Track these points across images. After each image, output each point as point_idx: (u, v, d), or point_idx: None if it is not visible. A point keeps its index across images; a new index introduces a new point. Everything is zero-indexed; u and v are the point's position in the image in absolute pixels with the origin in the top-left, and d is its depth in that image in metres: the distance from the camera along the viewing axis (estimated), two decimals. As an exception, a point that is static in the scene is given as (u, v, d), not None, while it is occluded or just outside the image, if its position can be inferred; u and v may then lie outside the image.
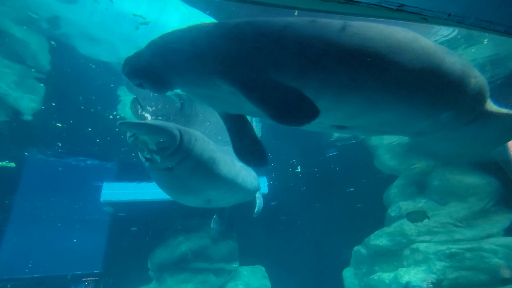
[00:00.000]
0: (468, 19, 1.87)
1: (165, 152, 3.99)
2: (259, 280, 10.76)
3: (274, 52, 2.60)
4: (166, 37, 2.97)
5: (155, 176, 4.58)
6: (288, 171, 12.97)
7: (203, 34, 2.81)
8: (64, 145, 10.19)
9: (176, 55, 2.82)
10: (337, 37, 2.59)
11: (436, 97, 3.12)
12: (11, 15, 4.75)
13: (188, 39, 2.82)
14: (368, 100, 2.92)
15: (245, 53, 2.62)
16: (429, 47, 2.90)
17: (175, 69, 2.86)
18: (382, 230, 8.46)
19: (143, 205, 11.06)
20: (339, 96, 2.81)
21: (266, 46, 2.61)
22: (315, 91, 2.72)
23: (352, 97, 2.83)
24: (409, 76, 2.78)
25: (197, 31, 2.87)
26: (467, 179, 7.73)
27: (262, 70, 2.59)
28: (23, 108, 7.69)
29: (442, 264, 6.63)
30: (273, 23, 2.69)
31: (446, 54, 3.01)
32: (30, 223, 24.49)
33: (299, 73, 2.63)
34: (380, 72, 2.70)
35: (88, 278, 11.55)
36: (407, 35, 2.83)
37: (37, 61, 5.92)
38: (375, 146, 10.10)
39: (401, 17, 1.85)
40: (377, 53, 2.62)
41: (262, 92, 2.46)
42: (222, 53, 2.66)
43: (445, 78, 2.96)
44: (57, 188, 16.88)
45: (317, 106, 2.42)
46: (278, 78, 2.58)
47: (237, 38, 2.66)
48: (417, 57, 2.76)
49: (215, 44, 2.71)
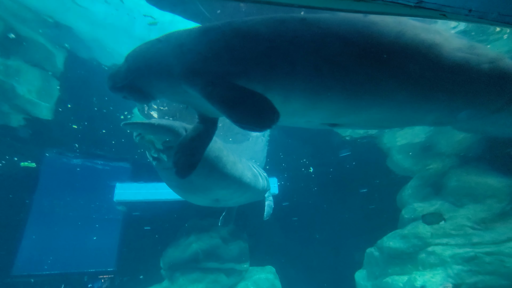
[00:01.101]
0: (490, 14, 1.79)
1: (171, 151, 3.94)
2: (269, 280, 10.72)
3: (234, 56, 2.52)
4: (138, 50, 3.06)
5: (163, 175, 4.56)
6: (299, 172, 12.88)
7: (168, 43, 2.84)
8: (81, 146, 10.48)
9: (147, 67, 2.88)
10: (293, 35, 2.38)
11: (427, 89, 2.72)
12: (27, 19, 4.91)
13: (156, 49, 2.88)
14: (346, 101, 2.71)
15: (205, 58, 2.58)
16: (401, 35, 2.51)
17: (149, 80, 2.92)
18: (396, 232, 8.27)
19: (155, 205, 11.23)
20: (311, 98, 2.66)
21: (226, 50, 2.54)
22: (282, 94, 2.62)
23: (325, 98, 2.66)
24: (387, 70, 2.49)
25: (164, 40, 2.92)
26: (486, 180, 7.46)
27: (224, 74, 2.53)
28: (41, 110, 7.95)
29: (460, 268, 6.42)
30: (233, 25, 2.61)
31: (423, 31, 2.56)
32: (47, 221, 25.30)
33: (262, 77, 2.53)
34: (346, 70, 2.45)
35: (104, 276, 11.82)
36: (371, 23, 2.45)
37: (53, 64, 6.10)
38: (388, 146, 9.89)
39: (419, 14, 1.80)
40: (344, 48, 2.35)
41: (222, 97, 2.42)
42: (184, 60, 2.68)
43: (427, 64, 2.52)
44: (73, 187, 17.38)
45: (277, 110, 2.33)
46: (242, 82, 2.51)
47: (197, 44, 2.66)
48: (395, 46, 2.41)
49: (178, 51, 2.73)
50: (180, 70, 2.67)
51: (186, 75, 2.64)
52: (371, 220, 11.32)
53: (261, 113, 2.36)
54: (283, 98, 2.57)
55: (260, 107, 2.36)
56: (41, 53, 5.75)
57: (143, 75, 2.92)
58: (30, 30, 5.12)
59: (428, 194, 8.53)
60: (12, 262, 11.09)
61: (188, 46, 2.67)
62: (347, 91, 2.60)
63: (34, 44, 5.51)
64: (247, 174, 5.21)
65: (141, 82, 2.94)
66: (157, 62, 2.83)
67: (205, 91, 2.50)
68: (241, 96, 2.40)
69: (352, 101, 2.72)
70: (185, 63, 2.65)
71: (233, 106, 2.38)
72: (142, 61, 2.93)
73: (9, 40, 5.31)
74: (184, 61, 2.66)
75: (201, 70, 2.57)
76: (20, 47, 5.54)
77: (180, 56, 2.70)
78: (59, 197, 19.87)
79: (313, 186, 14.26)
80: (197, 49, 2.61)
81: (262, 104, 2.36)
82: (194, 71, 2.60)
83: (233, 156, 4.95)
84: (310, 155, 11.54)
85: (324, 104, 2.78)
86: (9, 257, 11.04)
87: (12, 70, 6.14)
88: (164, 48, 2.83)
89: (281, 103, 2.71)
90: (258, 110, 2.36)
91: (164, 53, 2.81)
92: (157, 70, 2.83)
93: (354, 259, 9.89)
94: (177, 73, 2.71)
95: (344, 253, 11.95)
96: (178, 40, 2.78)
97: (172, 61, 2.74)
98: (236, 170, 4.86)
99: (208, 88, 2.48)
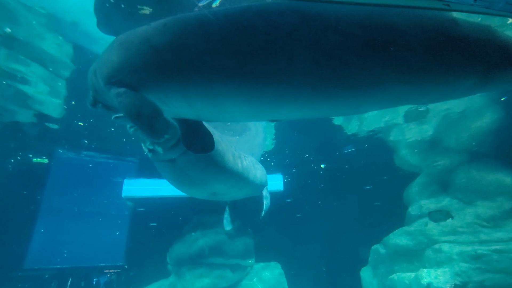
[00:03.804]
0: (497, 3, 1.72)
1: (166, 143, 3.84)
2: (275, 276, 10.76)
3: (132, 64, 2.34)
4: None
5: (159, 167, 4.46)
6: (304, 168, 12.83)
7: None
8: (90, 143, 10.64)
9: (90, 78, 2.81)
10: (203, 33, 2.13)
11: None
12: (36, 17, 4.97)
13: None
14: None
15: (112, 65, 2.44)
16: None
17: (97, 93, 2.82)
18: (402, 229, 8.18)
19: (162, 200, 11.36)
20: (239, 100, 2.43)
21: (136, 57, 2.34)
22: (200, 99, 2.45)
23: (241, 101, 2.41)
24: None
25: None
26: (495, 176, 7.30)
27: (129, 83, 2.39)
28: (50, 108, 8.09)
29: (467, 265, 6.31)
30: (137, 32, 2.44)
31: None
32: (55, 216, 25.89)
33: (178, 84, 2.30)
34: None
35: (111, 270, 12.05)
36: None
37: (59, 61, 6.18)
38: (394, 142, 9.75)
39: (421, 5, 1.75)
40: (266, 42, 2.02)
41: (126, 106, 2.36)
42: (99, 68, 2.61)
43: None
44: (82, 183, 17.71)
45: (170, 122, 2.28)
46: (151, 91, 2.38)
47: (109, 51, 2.57)
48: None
49: (101, 59, 2.65)
50: (101, 80, 2.58)
51: (105, 85, 2.54)
52: (377, 217, 11.22)
53: (154, 126, 2.36)
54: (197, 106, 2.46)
55: (151, 119, 2.34)
56: (48, 50, 5.83)
57: (93, 88, 2.81)
58: (38, 28, 5.19)
59: (435, 191, 8.39)
60: (24, 256, 11.42)
61: (105, 54, 2.60)
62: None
63: (41, 42, 5.59)
64: (245, 168, 5.06)
65: (98, 96, 2.84)
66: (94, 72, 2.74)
67: (116, 101, 2.41)
68: (138, 107, 2.33)
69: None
70: (101, 72, 2.57)
71: (133, 116, 2.34)
72: (92, 73, 2.84)
73: (16, 38, 5.40)
74: (100, 70, 2.58)
75: (110, 78, 2.47)
76: (27, 45, 5.63)
77: (99, 64, 2.63)
78: (68, 193, 20.29)
79: (318, 183, 14.19)
80: (110, 57, 2.50)
81: (153, 115, 2.34)
82: (104, 79, 2.52)
83: (231, 149, 4.82)
84: (315, 151, 11.48)
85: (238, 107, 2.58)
86: (21, 251, 11.36)
87: (21, 67, 6.26)
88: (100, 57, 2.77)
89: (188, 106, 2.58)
90: (150, 123, 2.35)
91: (98, 61, 2.71)
92: (96, 82, 2.71)
93: (359, 255, 9.83)
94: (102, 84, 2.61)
95: (349, 249, 11.90)
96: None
97: (97, 71, 2.66)
98: (235, 164, 4.72)
99: (117, 99, 2.38)
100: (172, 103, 2.49)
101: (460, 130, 8.17)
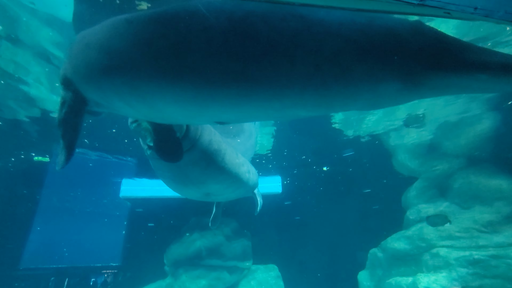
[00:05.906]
0: (496, 12, 1.75)
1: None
2: (272, 279, 10.75)
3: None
4: None
5: (156, 165, 4.35)
6: (303, 170, 12.84)
7: None
8: (92, 142, 10.61)
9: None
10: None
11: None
12: (36, 14, 4.98)
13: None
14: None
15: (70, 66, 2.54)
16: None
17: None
18: (400, 233, 8.19)
19: (160, 201, 11.34)
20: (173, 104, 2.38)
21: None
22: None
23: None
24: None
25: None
26: (494, 182, 7.33)
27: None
28: (51, 105, 8.08)
29: (465, 270, 6.33)
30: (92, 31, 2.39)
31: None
32: (54, 216, 25.76)
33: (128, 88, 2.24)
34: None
35: (108, 271, 12.00)
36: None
37: (60, 58, 6.19)
38: (393, 146, 9.78)
39: (423, 12, 1.77)
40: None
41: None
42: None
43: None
44: (80, 183, 17.64)
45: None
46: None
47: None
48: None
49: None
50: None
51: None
52: (375, 221, 11.23)
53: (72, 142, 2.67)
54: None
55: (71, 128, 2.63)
56: (49, 47, 5.84)
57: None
58: (38, 23, 5.20)
59: (433, 195, 8.42)
60: (20, 256, 11.36)
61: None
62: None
63: (41, 38, 5.60)
64: (242, 170, 5.04)
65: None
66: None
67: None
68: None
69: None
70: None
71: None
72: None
73: (18, 35, 5.41)
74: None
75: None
76: (28, 42, 5.63)
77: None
78: (66, 192, 20.20)
79: (317, 185, 14.21)
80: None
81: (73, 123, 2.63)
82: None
83: (231, 150, 4.81)
84: (314, 154, 11.50)
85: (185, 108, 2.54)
86: (17, 251, 11.31)
87: (21, 64, 6.26)
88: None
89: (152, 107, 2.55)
90: (70, 138, 2.68)
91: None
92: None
93: (357, 259, 9.83)
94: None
95: (347, 253, 11.89)
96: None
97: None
98: (234, 165, 4.70)
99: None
100: (112, 103, 2.58)
101: (459, 135, 8.21)
